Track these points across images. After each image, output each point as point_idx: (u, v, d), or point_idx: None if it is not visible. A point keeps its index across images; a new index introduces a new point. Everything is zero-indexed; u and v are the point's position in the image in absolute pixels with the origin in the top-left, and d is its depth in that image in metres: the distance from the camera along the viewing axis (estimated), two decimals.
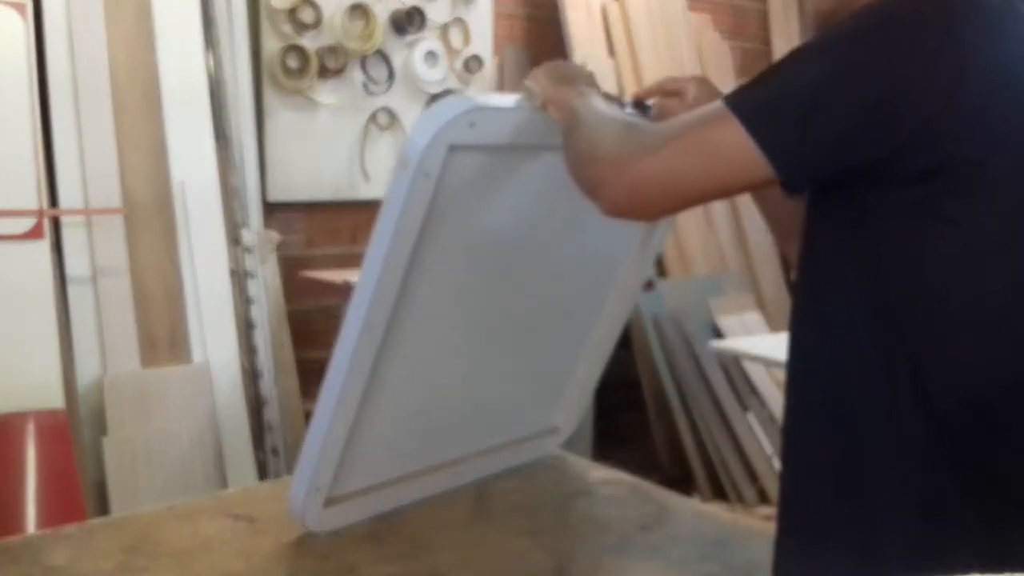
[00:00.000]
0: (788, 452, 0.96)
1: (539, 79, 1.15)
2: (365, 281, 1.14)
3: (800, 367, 0.94)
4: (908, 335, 0.83)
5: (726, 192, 0.90)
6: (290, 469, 1.31)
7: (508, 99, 1.16)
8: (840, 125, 0.80)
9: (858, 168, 0.83)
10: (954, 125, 0.79)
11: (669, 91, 1.15)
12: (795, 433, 0.95)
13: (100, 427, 2.43)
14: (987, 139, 0.80)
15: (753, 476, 3.28)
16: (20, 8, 2.38)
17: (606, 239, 1.47)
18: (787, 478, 0.96)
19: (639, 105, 1.19)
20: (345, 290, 2.51)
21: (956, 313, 0.82)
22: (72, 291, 2.46)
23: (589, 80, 1.14)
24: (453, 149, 1.09)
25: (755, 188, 0.94)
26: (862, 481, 0.87)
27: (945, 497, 0.83)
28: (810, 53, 0.84)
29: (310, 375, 2.77)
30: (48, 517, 2.10)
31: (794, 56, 0.85)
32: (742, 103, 0.83)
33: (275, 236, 2.91)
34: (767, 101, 0.83)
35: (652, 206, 0.91)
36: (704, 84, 1.13)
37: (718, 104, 0.85)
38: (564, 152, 1.03)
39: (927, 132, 0.78)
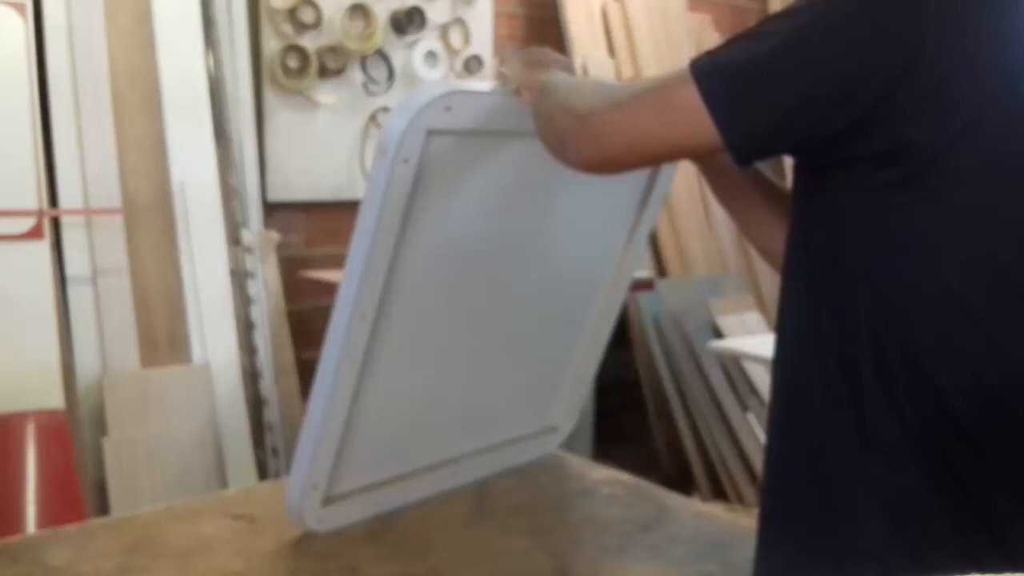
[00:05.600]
0: (767, 447, 0.95)
1: (512, 65, 1.15)
2: (351, 270, 1.14)
3: (775, 360, 0.93)
4: (870, 331, 0.81)
5: (685, 152, 0.92)
6: (290, 469, 1.31)
7: (484, 84, 1.17)
8: (790, 96, 0.79)
9: (812, 144, 0.81)
10: (912, 100, 0.76)
11: None
12: (769, 428, 0.94)
13: (100, 427, 2.43)
14: (948, 120, 0.76)
15: (753, 476, 3.28)
16: (20, 8, 2.38)
17: (592, 229, 1.46)
18: (765, 472, 0.95)
19: None
20: None
21: (915, 309, 0.80)
22: (72, 291, 2.45)
23: (563, 66, 1.14)
24: (431, 134, 1.09)
25: (713, 152, 0.93)
26: (828, 479, 0.85)
27: (912, 498, 0.81)
28: (775, 21, 0.82)
29: (310, 375, 2.76)
30: (48, 517, 2.10)
31: (761, 23, 0.83)
32: (703, 67, 0.83)
33: (275, 236, 2.91)
34: (725, 67, 0.82)
35: (615, 158, 0.92)
36: None
37: (685, 67, 0.85)
38: (534, 122, 1.03)
39: (882, 108, 0.76)
